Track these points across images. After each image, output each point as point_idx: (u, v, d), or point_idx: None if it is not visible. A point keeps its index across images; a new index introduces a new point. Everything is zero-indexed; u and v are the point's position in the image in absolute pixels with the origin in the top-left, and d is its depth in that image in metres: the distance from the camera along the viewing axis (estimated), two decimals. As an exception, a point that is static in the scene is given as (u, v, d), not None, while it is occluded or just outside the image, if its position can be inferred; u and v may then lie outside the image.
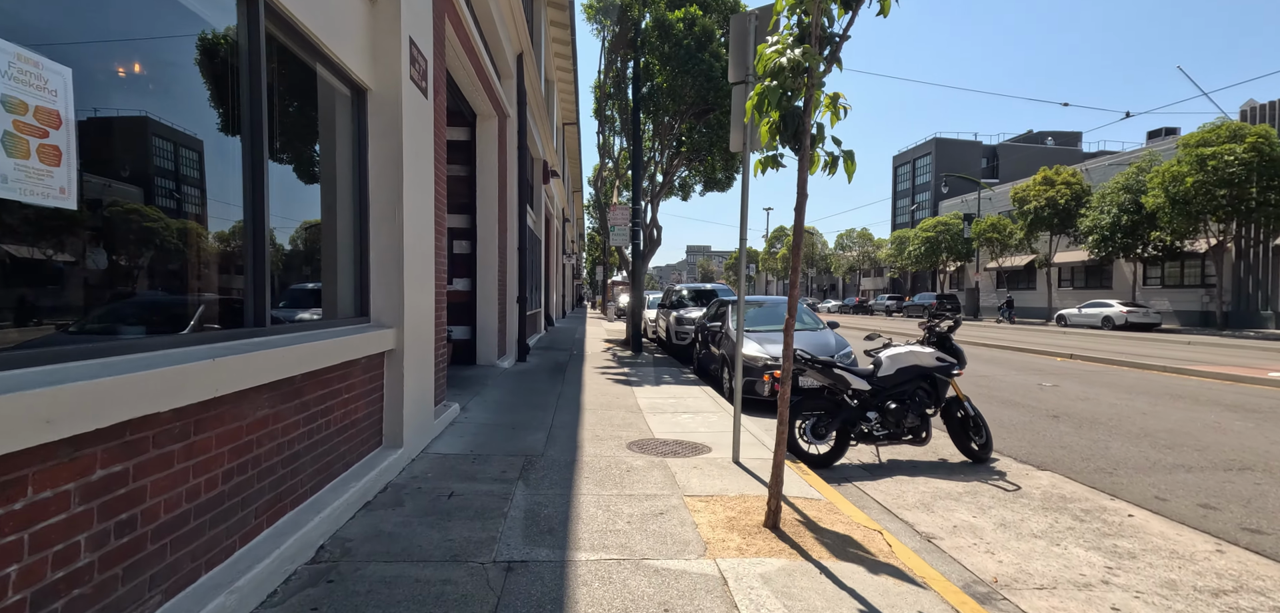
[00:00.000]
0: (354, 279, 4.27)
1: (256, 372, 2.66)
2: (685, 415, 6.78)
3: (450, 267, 9.91)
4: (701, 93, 12.86)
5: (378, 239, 4.37)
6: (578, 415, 6.56)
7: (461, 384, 8.08)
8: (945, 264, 47.32)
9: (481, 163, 9.83)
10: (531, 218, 15.95)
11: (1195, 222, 24.88)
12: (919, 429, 5.29)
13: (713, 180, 16.55)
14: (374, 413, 4.25)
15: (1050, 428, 6.73)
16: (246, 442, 2.67)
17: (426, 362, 5.02)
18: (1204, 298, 28.95)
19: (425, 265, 4.97)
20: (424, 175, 4.94)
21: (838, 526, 3.58)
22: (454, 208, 9.90)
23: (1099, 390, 9.25)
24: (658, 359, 12.40)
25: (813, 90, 3.30)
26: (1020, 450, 5.84)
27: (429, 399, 5.14)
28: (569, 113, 25.51)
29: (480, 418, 6.26)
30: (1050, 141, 60.64)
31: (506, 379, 8.85)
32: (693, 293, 15.99)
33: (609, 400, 7.50)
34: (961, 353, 5.48)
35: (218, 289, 2.85)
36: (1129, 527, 3.89)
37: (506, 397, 7.50)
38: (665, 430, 6.02)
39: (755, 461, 4.96)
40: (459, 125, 9.81)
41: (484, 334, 9.88)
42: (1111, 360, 13.18)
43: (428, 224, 5.08)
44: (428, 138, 5.07)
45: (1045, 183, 33.47)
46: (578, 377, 9.46)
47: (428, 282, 5.06)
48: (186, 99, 2.65)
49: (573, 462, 4.77)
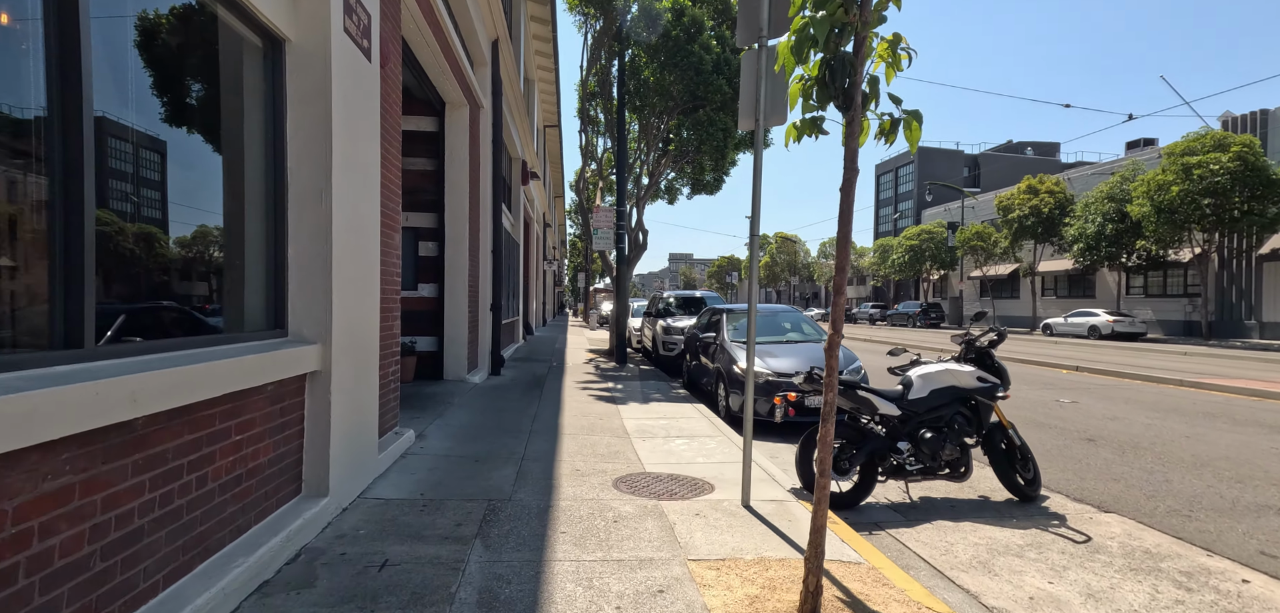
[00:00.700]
0: (264, 282, 3.33)
1: (50, 417, 1.72)
2: (679, 441, 5.91)
3: (416, 270, 8.95)
4: (691, 88, 12.07)
5: (299, 231, 3.43)
6: (556, 442, 5.64)
7: (423, 404, 7.11)
8: (929, 273, 47.21)
9: (451, 156, 8.88)
10: (509, 220, 14.99)
11: (1180, 230, 24.77)
12: (958, 463, 4.48)
13: (700, 183, 15.75)
14: (288, 455, 3.30)
15: (1091, 455, 5.98)
16: (18, 533, 1.73)
17: (366, 384, 4.08)
18: (1187, 307, 28.93)
19: (365, 266, 4.03)
20: (365, 156, 4.02)
21: (893, 608, 2.72)
22: (420, 205, 8.94)
23: (1125, 408, 8.58)
24: (644, 372, 11.51)
25: (866, 31, 2.46)
26: (1069, 484, 5.06)
27: (371, 430, 4.19)
28: (550, 115, 24.60)
29: (439, 448, 5.30)
30: (1030, 151, 61.22)
31: (476, 397, 7.89)
32: (680, 301, 15.14)
33: (592, 422, 6.59)
34: (1005, 371, 4.69)
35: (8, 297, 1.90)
36: (1251, 599, 3.10)
37: (474, 419, 6.55)
38: (657, 461, 5.13)
39: (769, 505, 4.09)
40: (426, 114, 8.86)
41: (452, 346, 8.91)
42: (1119, 373, 12.62)
43: (371, 215, 4.14)
44: (371, 110, 4.15)
45: (1029, 192, 33.36)
46: (557, 393, 8.54)
47: (369, 286, 4.13)
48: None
49: (547, 509, 3.86)
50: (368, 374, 4.11)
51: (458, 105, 8.84)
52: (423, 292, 8.96)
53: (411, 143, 8.90)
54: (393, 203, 4.99)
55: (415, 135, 8.90)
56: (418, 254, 8.97)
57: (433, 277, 8.95)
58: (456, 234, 8.93)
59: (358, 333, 3.89)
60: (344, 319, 3.65)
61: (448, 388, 8.22)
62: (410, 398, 7.36)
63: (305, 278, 3.45)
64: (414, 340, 8.77)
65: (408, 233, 8.95)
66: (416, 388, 8.10)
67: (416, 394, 7.63)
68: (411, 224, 8.93)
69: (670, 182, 16.97)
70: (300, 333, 3.44)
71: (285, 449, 3.26)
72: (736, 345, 7.90)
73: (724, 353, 7.89)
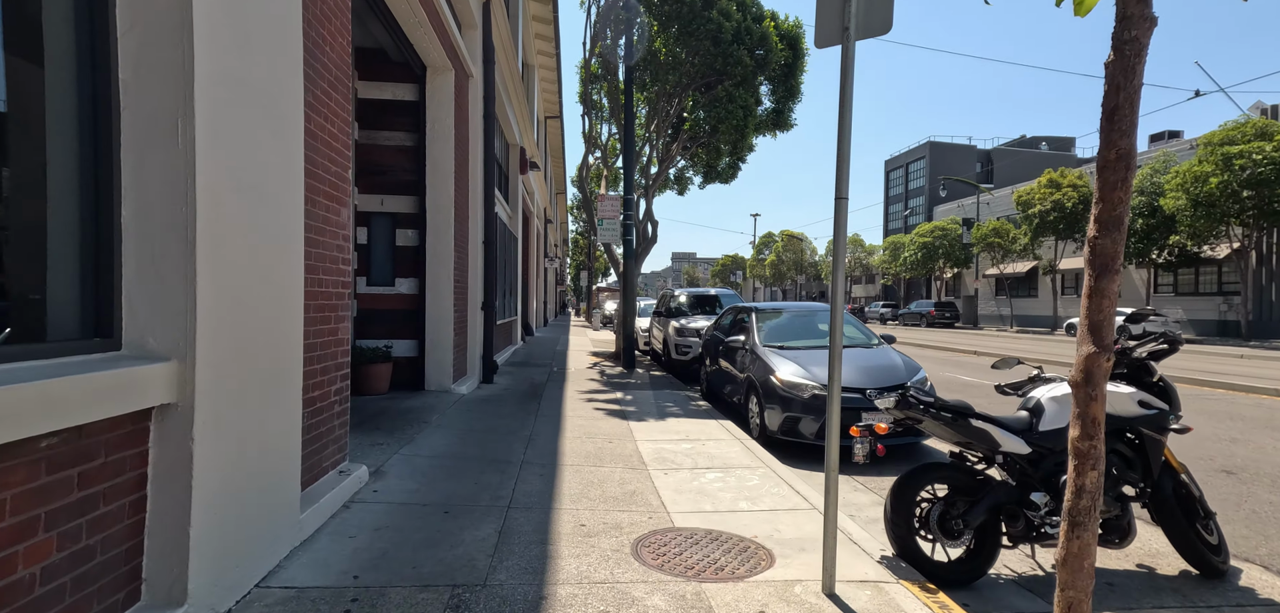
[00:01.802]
0: (78, 263, 2.06)
1: None
2: (710, 475, 4.63)
3: (392, 262, 7.69)
4: (708, 60, 10.78)
5: (139, 182, 2.17)
6: (554, 478, 4.37)
7: (393, 424, 5.84)
8: (942, 271, 45.83)
9: (434, 129, 7.61)
10: (506, 211, 13.73)
11: (1217, 224, 23.38)
12: (1116, 521, 3.20)
13: (714, 171, 14.45)
14: (112, 542, 2.03)
15: (1247, 496, 4.66)
16: None
17: (276, 415, 2.80)
18: (1222, 306, 27.50)
19: (272, 241, 2.76)
20: (265, 76, 2.74)
21: None
22: (398, 186, 7.68)
23: (1233, 426, 7.24)
24: (655, 378, 10.23)
25: None
26: (1254, 546, 3.75)
27: (284, 480, 2.92)
28: (551, 106, 23.31)
29: (400, 491, 4.03)
30: (1044, 146, 59.72)
31: (461, 413, 6.61)
32: (693, 299, 13.86)
33: (599, 447, 5.32)
34: (1174, 393, 3.39)
35: None
36: None
37: (453, 445, 5.27)
38: (687, 508, 3.85)
39: (862, 591, 2.81)
40: (404, 80, 7.60)
41: (435, 350, 7.64)
42: (1183, 378, 11.29)
43: (283, 169, 2.87)
44: (282, 13, 2.88)
45: (1051, 186, 31.99)
46: (557, 406, 7.27)
47: (282, 272, 2.86)
48: None
49: (539, 603, 2.59)
50: (279, 400, 2.84)
51: (441, 69, 7.56)
52: (401, 287, 7.70)
53: (386, 113, 7.64)
54: (334, 163, 3.72)
55: (391, 105, 7.64)
56: (395, 243, 7.71)
57: (413, 270, 7.68)
58: (440, 221, 7.66)
59: (256, 341, 2.62)
60: (227, 320, 2.38)
61: (428, 402, 6.95)
62: (378, 416, 6.09)
63: (151, 257, 2.17)
64: (390, 345, 7.50)
65: (383, 218, 7.70)
66: (390, 401, 6.83)
67: (387, 410, 6.37)
68: (388, 209, 7.67)
69: (680, 170, 15.66)
70: (142, 344, 2.17)
71: (105, 535, 1.99)
72: (773, 352, 6.61)
73: (758, 361, 6.60)
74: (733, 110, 10.83)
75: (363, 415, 6.02)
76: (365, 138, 7.57)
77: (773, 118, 12.37)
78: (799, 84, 12.14)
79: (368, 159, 7.58)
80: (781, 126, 12.53)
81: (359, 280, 7.58)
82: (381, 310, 7.65)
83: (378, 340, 7.51)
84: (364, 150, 7.55)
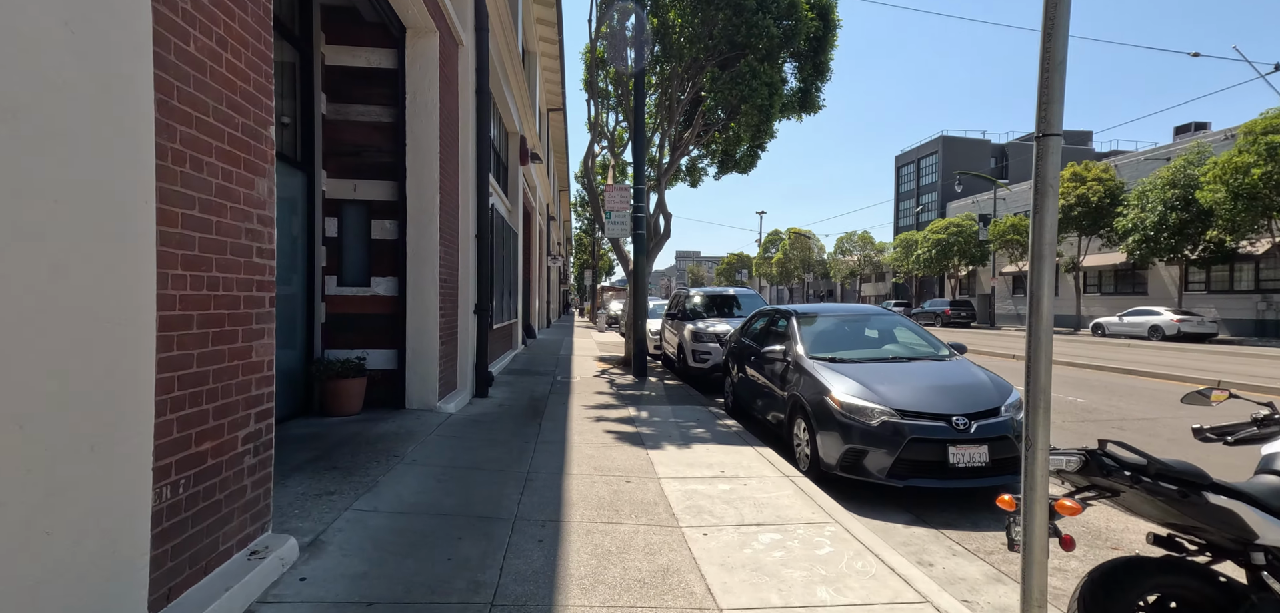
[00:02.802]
0: None
1: None
2: (765, 535, 3.46)
3: (367, 259, 6.55)
4: (727, 32, 9.59)
5: None
6: (556, 550, 3.21)
7: (356, 458, 4.67)
8: (956, 268, 44.47)
9: (415, 102, 6.45)
10: (505, 205, 12.58)
11: (1259, 218, 22.07)
12: None
13: (731, 159, 13.26)
14: None
15: None
16: None
17: (86, 491, 1.64)
18: (1260, 305, 26.14)
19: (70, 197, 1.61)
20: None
21: None
22: (372, 170, 6.53)
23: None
24: (671, 388, 9.07)
25: None
26: None
27: (105, 602, 1.76)
28: (554, 97, 22.14)
29: (337, 581, 2.85)
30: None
31: (443, 442, 5.45)
32: (709, 300, 12.67)
33: (615, 490, 4.16)
34: None
35: None
36: None
37: (426, 493, 4.11)
38: (746, 600, 2.68)
39: None
40: (379, 44, 6.44)
41: (418, 362, 6.48)
42: (1250, 385, 10.08)
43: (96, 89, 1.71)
44: None
45: (1075, 179, 30.65)
46: (562, 429, 6.11)
47: (73, 260, 1.70)
48: None
49: None
50: (86, 473, 1.68)
51: (423, 31, 6.41)
52: (377, 288, 6.55)
53: (358, 83, 6.49)
54: (238, 106, 2.56)
55: (364, 73, 6.49)
56: (370, 237, 6.56)
57: (391, 267, 6.53)
58: (424, 211, 6.51)
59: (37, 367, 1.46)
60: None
61: (406, 425, 5.80)
62: (340, 447, 4.93)
63: None
64: (363, 356, 6.35)
65: (357, 207, 6.55)
66: (361, 425, 5.68)
67: (354, 438, 5.21)
68: (361, 196, 6.52)
69: (694, 159, 14.46)
70: None
71: None
72: (823, 366, 5.42)
73: (805, 377, 5.40)
74: (757, 87, 9.63)
75: (322, 447, 4.87)
76: (334, 112, 6.42)
77: (799, 99, 11.18)
78: (828, 60, 10.94)
79: (337, 137, 6.44)
80: (808, 108, 11.34)
81: (328, 280, 6.44)
82: (354, 314, 6.51)
83: (350, 351, 6.37)
84: (332, 127, 6.40)
